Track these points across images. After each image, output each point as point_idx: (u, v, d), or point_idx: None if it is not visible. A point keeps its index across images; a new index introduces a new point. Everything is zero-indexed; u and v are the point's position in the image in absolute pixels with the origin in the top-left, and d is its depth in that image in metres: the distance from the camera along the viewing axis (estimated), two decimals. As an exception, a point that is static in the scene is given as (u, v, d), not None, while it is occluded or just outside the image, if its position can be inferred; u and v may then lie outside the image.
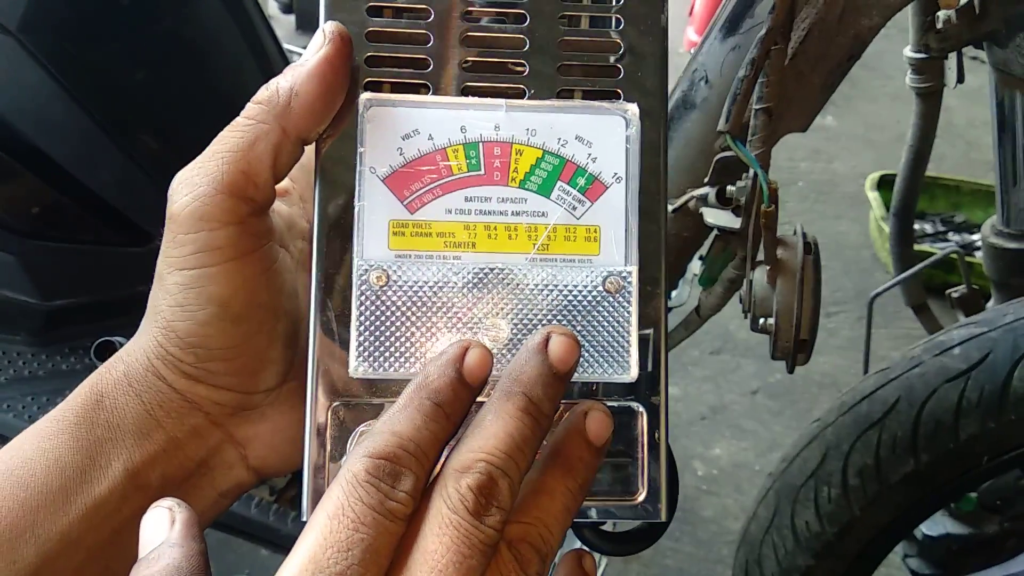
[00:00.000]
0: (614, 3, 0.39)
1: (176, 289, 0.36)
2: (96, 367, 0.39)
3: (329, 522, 0.29)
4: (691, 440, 1.73)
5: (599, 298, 0.37)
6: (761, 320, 0.74)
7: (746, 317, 0.77)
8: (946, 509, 1.22)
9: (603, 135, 0.38)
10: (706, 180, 0.78)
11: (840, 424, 0.83)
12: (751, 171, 0.72)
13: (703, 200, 0.78)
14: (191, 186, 0.35)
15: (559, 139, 0.38)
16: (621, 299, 0.38)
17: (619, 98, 0.38)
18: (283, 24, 3.29)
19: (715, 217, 0.77)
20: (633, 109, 0.38)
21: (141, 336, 0.38)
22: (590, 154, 0.38)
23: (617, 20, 0.38)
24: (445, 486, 0.31)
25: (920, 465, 0.79)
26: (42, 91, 0.89)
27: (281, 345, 0.39)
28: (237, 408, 0.39)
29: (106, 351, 0.83)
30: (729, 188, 0.76)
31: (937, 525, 1.23)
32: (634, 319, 0.38)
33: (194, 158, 0.37)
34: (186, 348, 0.37)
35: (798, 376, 1.85)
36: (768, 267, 0.72)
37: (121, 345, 0.86)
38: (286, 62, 1.04)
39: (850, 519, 0.84)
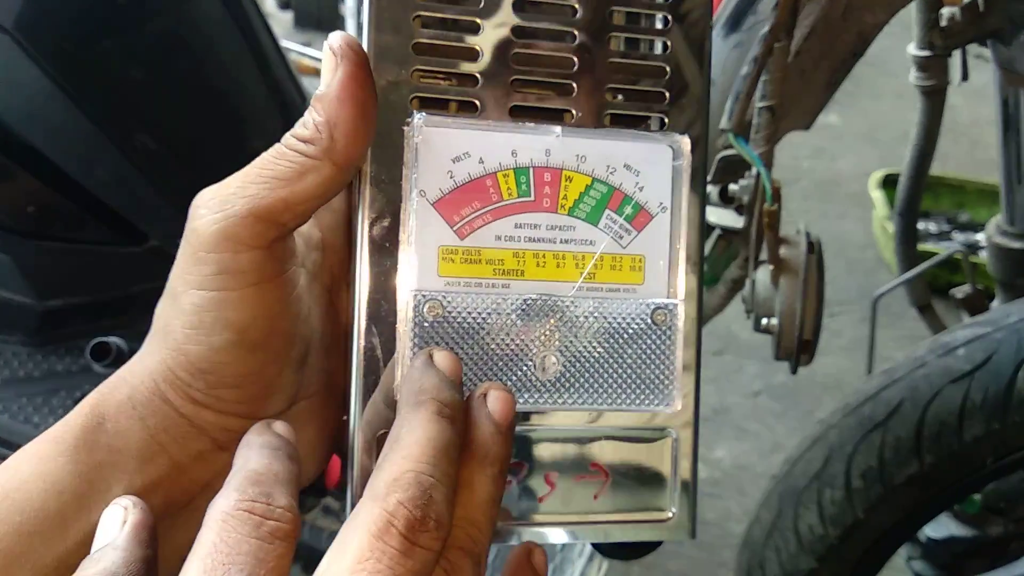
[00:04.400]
0: (662, 27, 0.38)
1: (192, 310, 0.34)
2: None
3: (200, 563, 0.28)
4: (693, 441, 1.72)
5: (646, 328, 0.38)
6: (764, 320, 0.73)
7: (749, 317, 0.76)
8: (950, 511, 1.21)
9: (651, 164, 0.38)
10: (709, 178, 0.78)
11: (843, 425, 0.83)
12: (754, 169, 0.71)
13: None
14: (224, 203, 0.34)
15: (608, 166, 0.37)
16: (667, 330, 0.38)
17: (664, 124, 0.38)
18: (280, 21, 3.29)
19: (718, 216, 0.77)
20: (683, 140, 0.38)
21: (148, 356, 0.36)
22: (637, 183, 0.38)
23: (664, 45, 0.38)
24: (369, 510, 0.28)
25: (924, 467, 0.79)
26: (38, 90, 0.89)
27: (292, 370, 0.37)
28: (244, 433, 0.38)
29: (102, 352, 0.82)
30: (732, 187, 0.76)
31: (941, 527, 1.22)
32: (679, 351, 0.38)
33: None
34: (197, 374, 0.35)
35: (801, 377, 1.84)
36: (771, 267, 0.72)
37: (117, 346, 0.86)
38: (284, 60, 1.03)
39: (853, 521, 0.83)
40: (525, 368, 0.37)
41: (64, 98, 0.89)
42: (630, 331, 0.37)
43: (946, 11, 0.84)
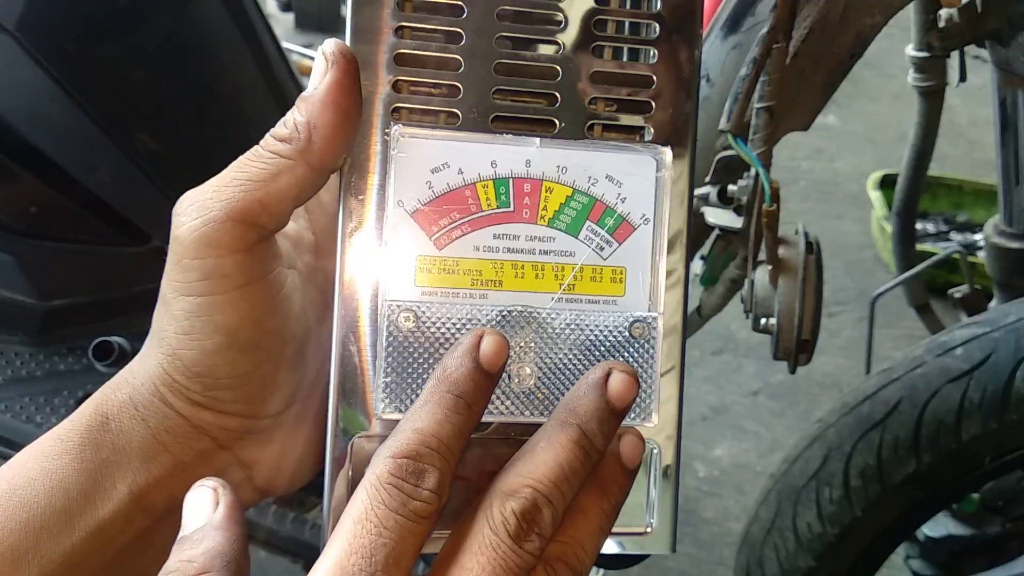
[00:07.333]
0: (650, 36, 0.38)
1: (182, 316, 0.35)
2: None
3: (353, 527, 0.30)
4: (692, 441, 1.72)
5: (624, 342, 0.37)
6: (763, 320, 0.73)
7: (748, 317, 0.76)
8: (948, 510, 1.22)
9: (633, 175, 0.37)
10: (707, 179, 0.78)
11: (842, 425, 0.83)
12: (752, 170, 0.71)
13: (704, 199, 0.78)
14: (202, 209, 0.34)
15: (589, 178, 0.37)
16: (646, 344, 0.38)
17: (649, 135, 0.38)
18: (282, 22, 3.29)
19: (716, 216, 0.77)
20: (665, 151, 0.38)
21: (146, 360, 0.37)
22: (619, 194, 0.37)
23: (652, 53, 0.38)
24: (490, 506, 0.32)
25: (922, 466, 0.79)
26: (40, 90, 0.89)
27: (288, 369, 0.38)
28: (244, 432, 0.38)
29: (104, 351, 0.82)
30: (731, 187, 0.76)
31: (939, 526, 1.22)
32: (658, 365, 0.38)
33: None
34: (192, 377, 0.36)
35: (800, 376, 1.85)
36: (770, 267, 0.72)
37: (119, 345, 0.86)
38: (285, 61, 1.03)
39: (852, 520, 0.83)
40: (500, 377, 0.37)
41: (66, 99, 0.89)
42: (608, 344, 0.37)
43: (944, 12, 0.84)
